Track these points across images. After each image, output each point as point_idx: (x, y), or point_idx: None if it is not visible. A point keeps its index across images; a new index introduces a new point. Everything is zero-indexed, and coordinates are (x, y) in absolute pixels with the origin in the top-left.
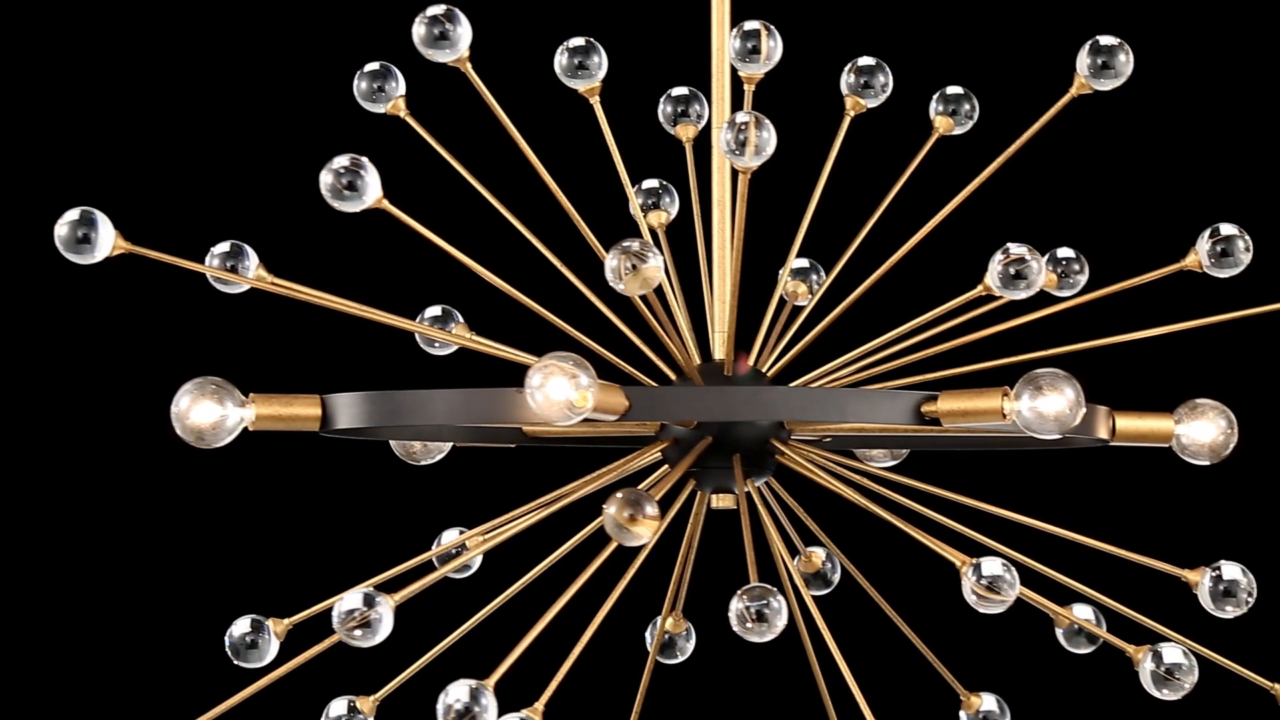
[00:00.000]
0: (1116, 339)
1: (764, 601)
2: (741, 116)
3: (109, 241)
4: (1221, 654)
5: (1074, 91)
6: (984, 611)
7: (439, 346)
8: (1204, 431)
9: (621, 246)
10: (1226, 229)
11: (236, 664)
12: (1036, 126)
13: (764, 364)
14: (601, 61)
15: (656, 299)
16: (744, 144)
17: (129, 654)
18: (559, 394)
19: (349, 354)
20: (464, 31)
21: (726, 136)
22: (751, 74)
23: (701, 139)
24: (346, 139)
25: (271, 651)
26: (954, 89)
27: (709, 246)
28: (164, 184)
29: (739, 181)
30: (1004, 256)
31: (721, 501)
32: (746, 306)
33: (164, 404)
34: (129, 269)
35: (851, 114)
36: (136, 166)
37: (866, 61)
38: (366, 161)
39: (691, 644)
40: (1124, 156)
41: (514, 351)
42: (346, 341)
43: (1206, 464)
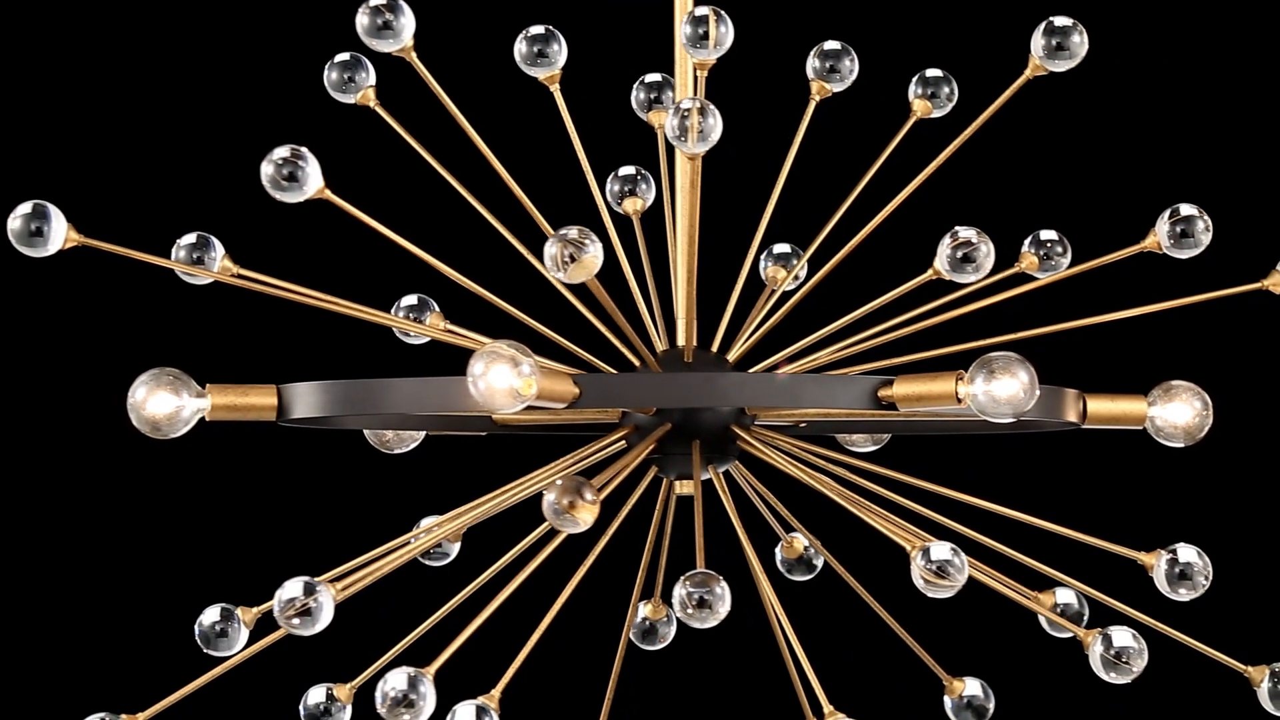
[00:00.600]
0: (1096, 319)
1: (706, 588)
2: (686, 102)
3: (61, 234)
4: (1195, 638)
5: (1029, 74)
6: (932, 596)
7: (414, 336)
8: (1179, 413)
9: (560, 235)
10: (1186, 209)
11: (207, 652)
12: (991, 110)
13: (731, 350)
14: (561, 49)
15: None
16: (689, 130)
17: (98, 645)
18: (502, 381)
19: (327, 345)
20: (407, 21)
21: (671, 122)
22: (703, 60)
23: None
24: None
25: (241, 640)
26: (933, 71)
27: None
28: (124, 177)
29: (689, 167)
30: (952, 240)
31: (685, 488)
32: (727, 292)
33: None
34: (90, 262)
35: (817, 99)
36: (94, 159)
37: (832, 46)
38: (307, 152)
39: (672, 630)
40: (1085, 138)
41: (487, 341)
42: (326, 332)
43: (1181, 446)
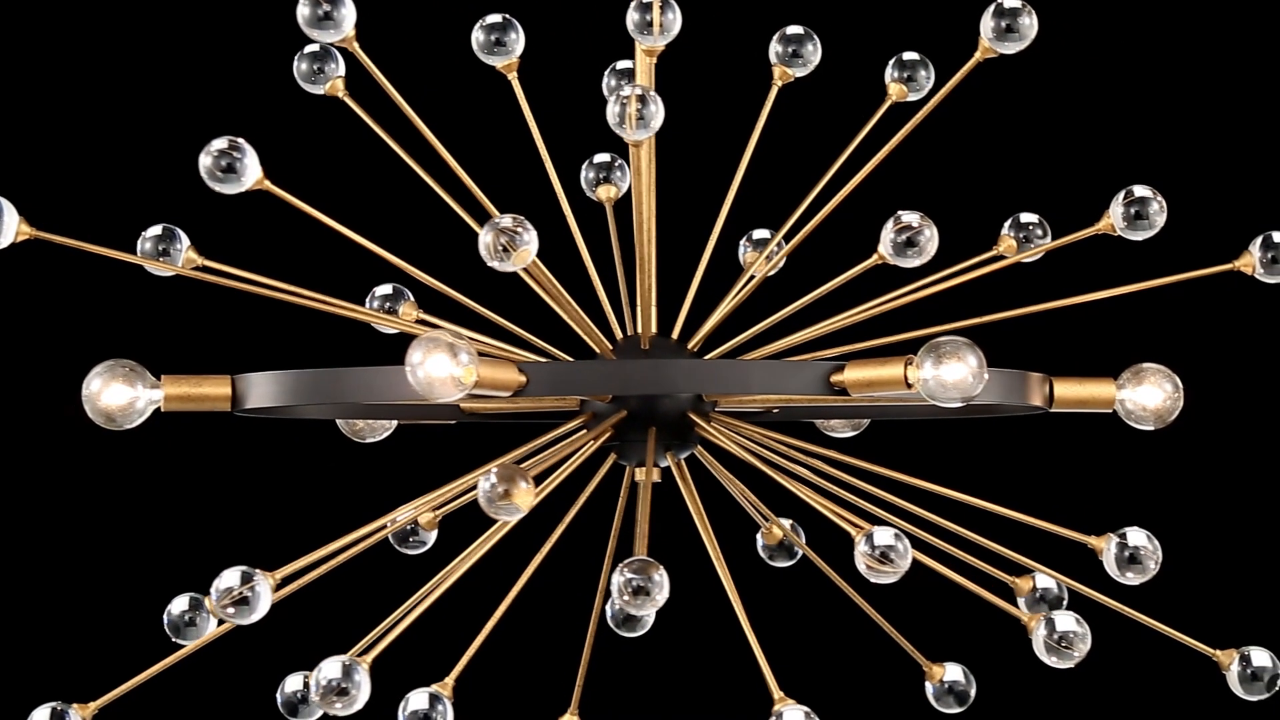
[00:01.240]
0: (1067, 302)
1: (644, 576)
2: (626, 90)
3: (13, 228)
4: (1164, 623)
5: (979, 56)
6: (876, 581)
7: (387, 326)
8: (1149, 396)
9: (493, 223)
10: (1140, 191)
11: (176, 642)
12: (943, 93)
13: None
14: (519, 38)
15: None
16: (628, 117)
17: (66, 635)
18: (440, 369)
19: (306, 336)
20: (348, 12)
21: (612, 109)
22: (651, 46)
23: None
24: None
25: (210, 629)
26: (910, 55)
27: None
28: (79, 170)
29: (635, 154)
30: (895, 224)
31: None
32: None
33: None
34: (46, 255)
35: (779, 84)
36: (48, 152)
37: (794, 31)
38: (244, 144)
39: (652, 617)
40: (1051, 120)
41: (461, 330)
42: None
43: (1151, 429)
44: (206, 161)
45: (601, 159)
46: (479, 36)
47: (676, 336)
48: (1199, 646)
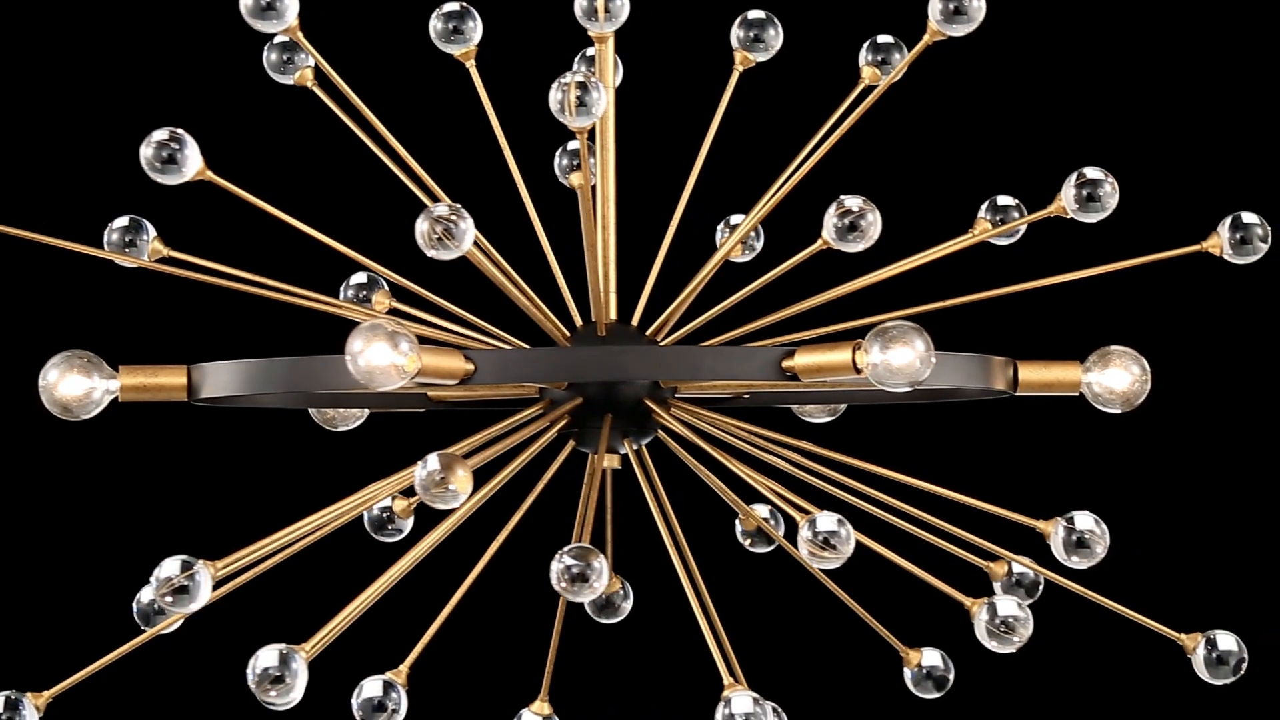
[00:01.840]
0: (1034, 284)
1: (584, 562)
2: (567, 76)
3: None
4: (1129, 606)
5: (927, 39)
6: (819, 568)
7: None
8: (1116, 379)
9: (429, 211)
10: (1091, 173)
11: (145, 630)
12: (891, 77)
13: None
14: (476, 25)
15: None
16: (567, 104)
17: (36, 625)
18: (381, 358)
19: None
20: (291, 2)
21: (554, 96)
22: (600, 33)
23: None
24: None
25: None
26: (884, 38)
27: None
28: (45, 161)
29: (579, 140)
30: (837, 209)
31: (606, 462)
32: (682, 267)
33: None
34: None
35: (740, 69)
36: (6, 146)
37: (756, 15)
38: (185, 135)
39: (629, 603)
40: (1018, 103)
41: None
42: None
43: (1119, 412)
44: (147, 152)
45: (575, 146)
46: (437, 25)
47: (638, 323)
48: (1163, 630)
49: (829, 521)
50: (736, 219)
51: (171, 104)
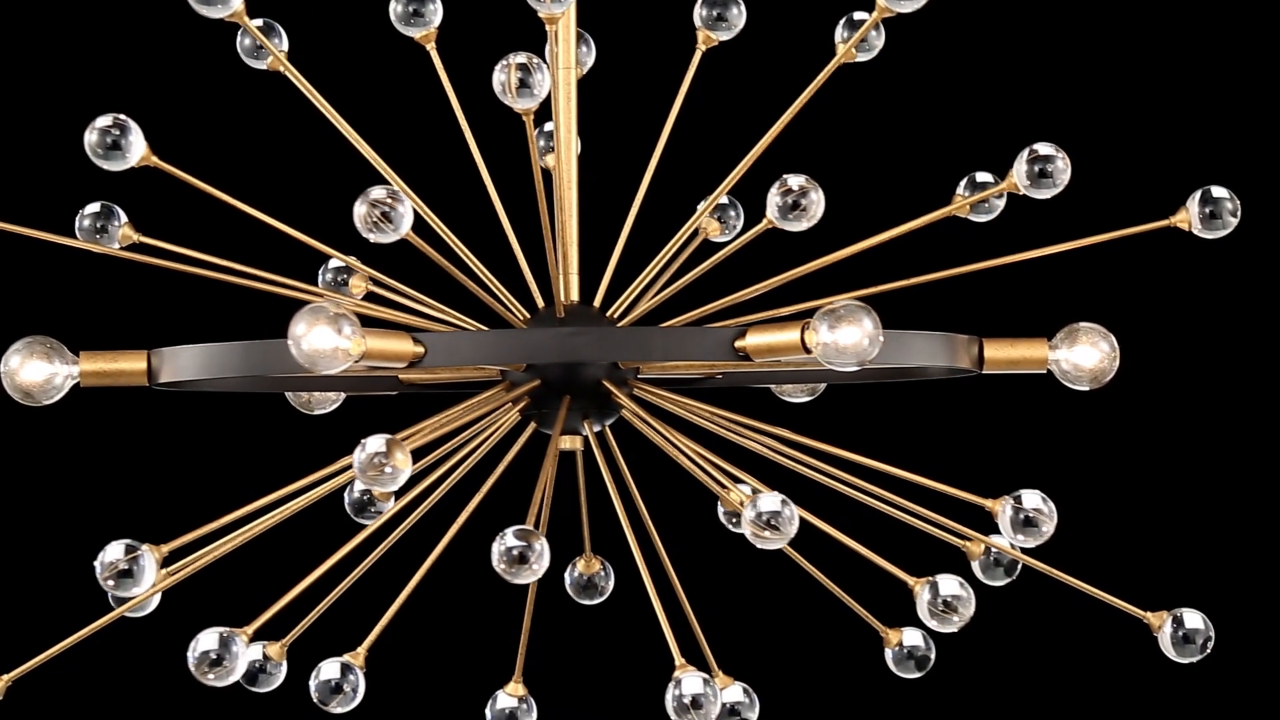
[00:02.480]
0: (1003, 260)
1: (525, 543)
2: (512, 57)
3: None
4: (1095, 585)
5: (876, 16)
6: (761, 548)
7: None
8: (1085, 356)
9: (365, 196)
10: (1043, 149)
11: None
12: (841, 56)
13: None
14: (437, 9)
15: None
16: (508, 85)
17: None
18: (324, 341)
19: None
20: None
21: (497, 78)
22: (549, 14)
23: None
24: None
25: (152, 605)
26: (861, 15)
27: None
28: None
29: (526, 122)
30: (780, 187)
31: (567, 444)
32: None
33: None
34: None
35: (703, 48)
36: None
37: None
38: (130, 121)
39: (611, 583)
40: (984, 79)
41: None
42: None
43: (1087, 389)
44: (91, 139)
45: (550, 127)
46: (397, 8)
47: (601, 304)
48: (1129, 609)
49: (772, 502)
50: (720, 200)
51: (130, 90)
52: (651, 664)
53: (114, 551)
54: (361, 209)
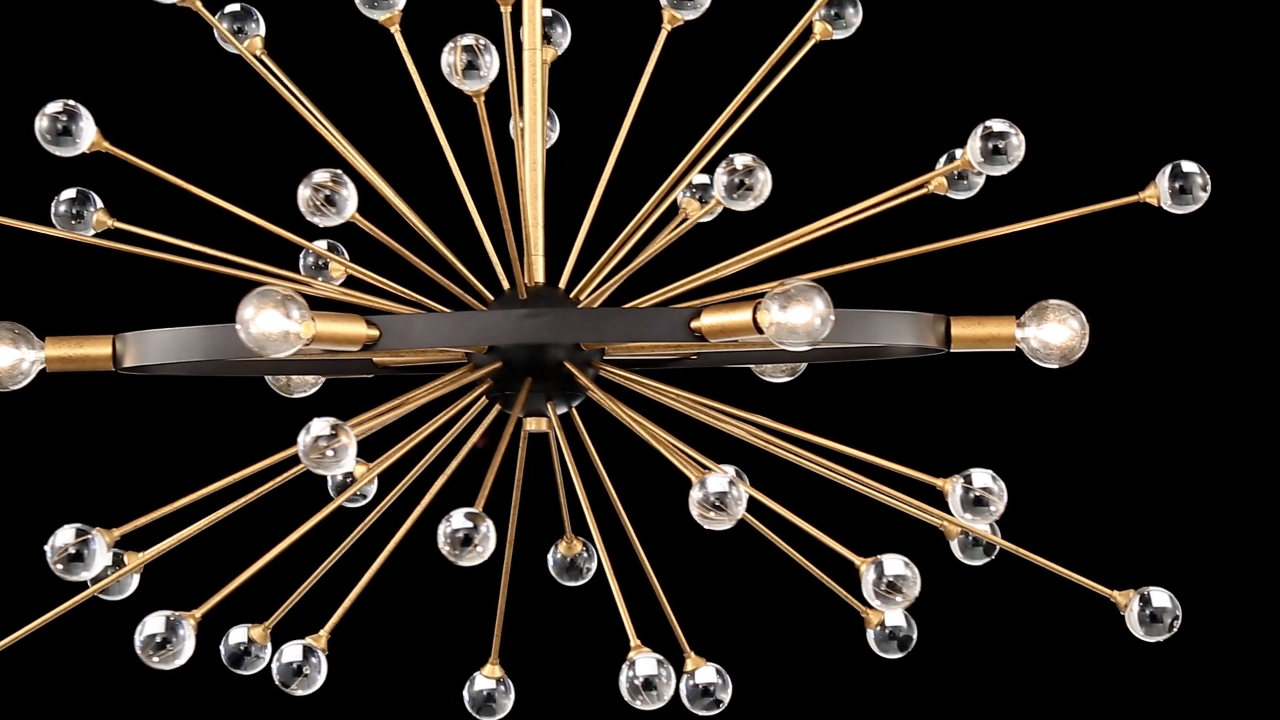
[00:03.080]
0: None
1: (470, 525)
2: (459, 39)
3: None
4: (1061, 564)
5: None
6: (709, 528)
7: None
8: (1054, 334)
9: (309, 179)
10: (997, 125)
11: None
12: (799, 28)
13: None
14: None
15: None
16: (454, 67)
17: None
18: (272, 325)
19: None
20: None
21: (445, 59)
22: None
23: (555, 62)
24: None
25: (130, 587)
26: None
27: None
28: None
29: (479, 105)
30: (726, 167)
31: (534, 425)
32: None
33: None
34: None
35: (669, 27)
36: None
37: None
38: (80, 107)
39: (593, 565)
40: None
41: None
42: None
43: (1056, 367)
44: (42, 124)
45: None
46: None
47: (566, 285)
48: (1096, 588)
49: (719, 483)
50: (699, 179)
51: (99, 76)
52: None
53: (64, 535)
54: (305, 193)
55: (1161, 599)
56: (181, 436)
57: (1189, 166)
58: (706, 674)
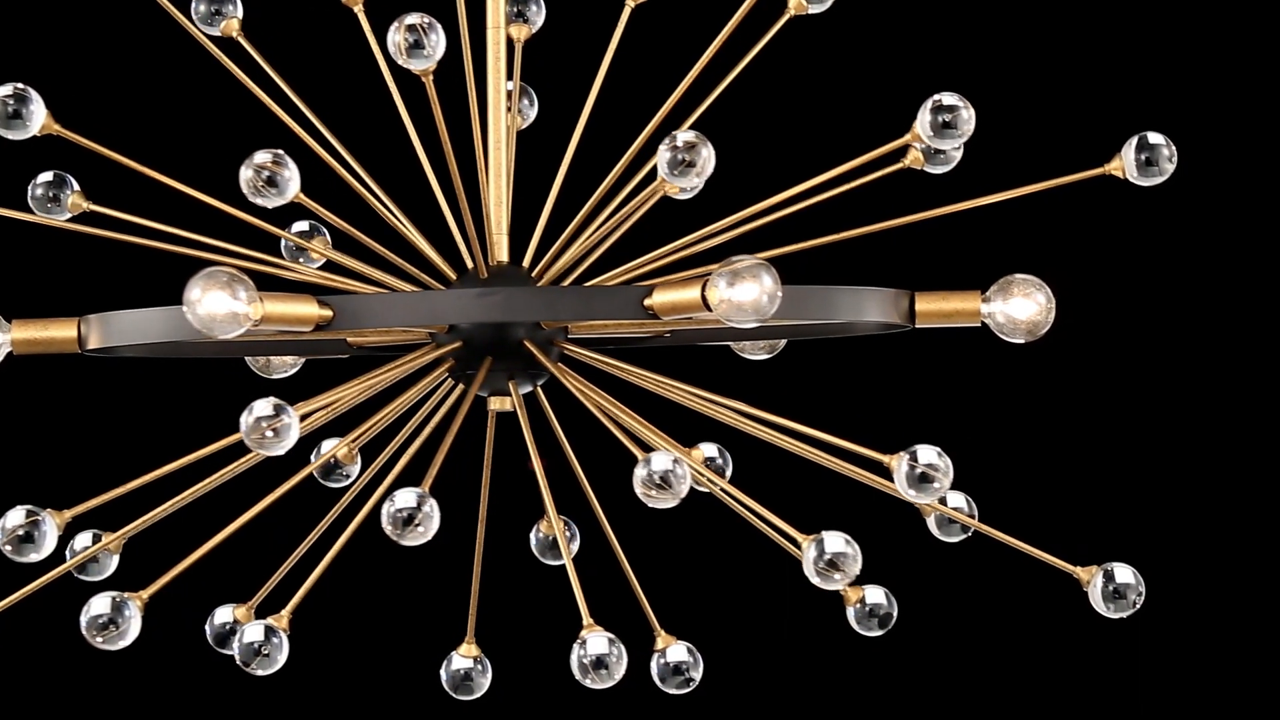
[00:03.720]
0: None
1: (414, 506)
2: (403, 18)
3: None
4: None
5: None
6: (654, 506)
7: (303, 265)
8: (1020, 309)
9: (250, 160)
10: (949, 99)
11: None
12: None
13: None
14: None
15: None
16: (399, 46)
17: None
18: (219, 306)
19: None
20: None
21: (391, 38)
22: None
23: (528, 42)
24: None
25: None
26: None
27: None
28: None
29: (427, 85)
30: (669, 143)
31: (499, 404)
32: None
33: None
34: None
35: (632, 5)
36: None
37: None
38: (31, 91)
39: (576, 544)
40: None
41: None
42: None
43: (1022, 342)
44: None
45: (508, 86)
46: None
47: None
48: (1059, 564)
49: (664, 461)
50: None
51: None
52: (611, 627)
53: (14, 517)
54: (247, 173)
55: (1125, 575)
56: (161, 418)
57: (1155, 138)
58: (678, 652)
